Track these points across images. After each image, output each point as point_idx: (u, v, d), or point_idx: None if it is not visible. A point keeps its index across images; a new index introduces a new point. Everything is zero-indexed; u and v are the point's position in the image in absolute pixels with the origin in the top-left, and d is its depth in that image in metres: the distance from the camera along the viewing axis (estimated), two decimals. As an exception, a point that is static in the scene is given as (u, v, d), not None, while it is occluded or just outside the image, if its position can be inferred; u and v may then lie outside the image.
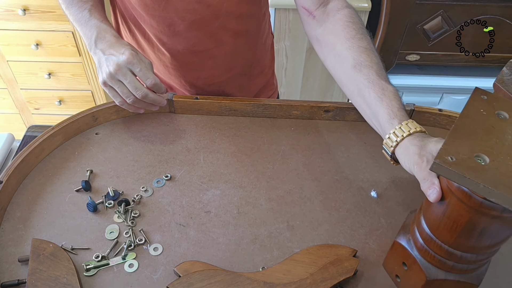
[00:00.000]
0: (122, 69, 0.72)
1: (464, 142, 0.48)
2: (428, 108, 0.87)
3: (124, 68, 0.72)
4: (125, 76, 0.73)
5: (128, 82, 0.73)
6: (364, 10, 1.60)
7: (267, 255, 0.66)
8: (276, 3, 1.57)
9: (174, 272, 0.62)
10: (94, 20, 0.78)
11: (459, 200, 0.49)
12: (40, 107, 1.96)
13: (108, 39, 0.76)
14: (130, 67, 0.72)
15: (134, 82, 0.73)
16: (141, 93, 0.74)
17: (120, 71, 0.72)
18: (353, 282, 0.63)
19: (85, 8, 0.80)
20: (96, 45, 0.76)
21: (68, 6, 0.82)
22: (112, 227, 0.68)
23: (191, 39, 0.87)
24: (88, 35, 0.78)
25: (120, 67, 0.72)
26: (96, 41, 0.76)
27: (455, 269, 0.55)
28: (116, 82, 0.74)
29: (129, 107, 0.78)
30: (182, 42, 0.87)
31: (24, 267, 0.62)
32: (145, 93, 0.74)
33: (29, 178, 0.75)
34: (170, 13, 0.82)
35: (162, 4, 0.80)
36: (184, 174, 0.77)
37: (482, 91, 0.55)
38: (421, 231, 0.56)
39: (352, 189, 0.76)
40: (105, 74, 0.74)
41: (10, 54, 1.75)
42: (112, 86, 0.75)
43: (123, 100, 0.76)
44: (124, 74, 0.73)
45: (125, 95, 0.75)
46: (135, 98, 0.75)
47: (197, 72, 0.94)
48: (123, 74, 0.73)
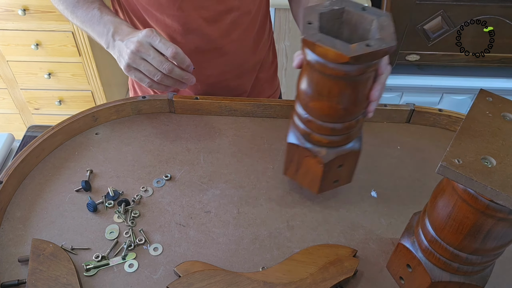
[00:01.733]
0: (144, 44, 0.71)
1: (470, 145, 0.48)
2: (428, 108, 0.87)
3: (145, 43, 0.71)
4: (148, 51, 0.71)
5: (152, 58, 0.72)
6: (364, 10, 1.60)
7: (267, 255, 0.66)
8: (276, 3, 1.57)
9: (174, 272, 0.62)
10: (107, 17, 0.78)
11: (465, 202, 0.49)
12: (40, 107, 1.96)
13: (125, 30, 0.76)
14: (150, 40, 0.71)
15: (158, 57, 0.72)
16: (167, 66, 0.72)
17: (142, 47, 0.71)
18: (353, 282, 0.63)
19: (94, 8, 0.80)
20: (115, 38, 0.76)
21: (74, 10, 0.82)
22: (112, 227, 0.68)
23: (204, 36, 0.87)
24: (104, 31, 0.77)
25: (141, 43, 0.71)
26: (114, 35, 0.76)
27: (460, 271, 0.55)
28: (140, 61, 0.73)
29: (158, 86, 0.76)
30: (195, 40, 0.88)
31: (24, 267, 0.62)
32: (170, 67, 0.72)
33: (29, 178, 0.75)
34: (184, 12, 0.83)
35: (177, 3, 0.81)
36: (184, 174, 0.77)
37: (487, 93, 0.55)
38: (426, 233, 0.56)
39: (352, 189, 0.76)
40: (127, 56, 0.72)
41: (10, 54, 1.75)
42: (137, 68, 0.73)
43: (151, 80, 0.74)
44: (146, 49, 0.71)
45: (152, 74, 0.73)
46: (162, 74, 0.73)
47: (208, 70, 0.94)
48: (146, 49, 0.71)
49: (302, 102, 0.62)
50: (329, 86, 0.57)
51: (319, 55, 0.53)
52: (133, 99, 0.86)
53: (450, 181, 0.51)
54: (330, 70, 0.54)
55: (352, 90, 0.57)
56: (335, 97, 0.57)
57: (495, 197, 0.44)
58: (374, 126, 0.88)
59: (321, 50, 0.52)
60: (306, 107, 0.61)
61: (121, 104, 0.85)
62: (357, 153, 0.66)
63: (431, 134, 0.87)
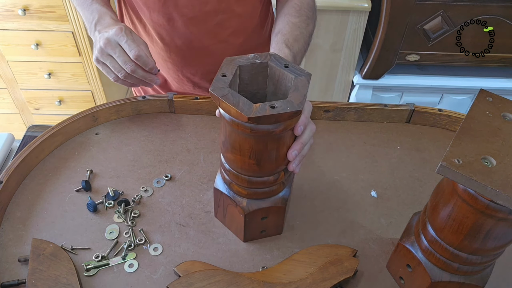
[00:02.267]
0: (111, 42, 0.73)
1: (470, 145, 0.48)
2: (428, 108, 0.88)
3: (113, 42, 0.73)
4: (114, 50, 0.74)
5: (117, 56, 0.74)
6: (364, 10, 1.60)
7: (267, 255, 0.66)
8: (276, 3, 1.57)
9: (174, 272, 0.62)
10: (96, 5, 0.81)
11: (465, 202, 0.49)
12: (40, 107, 1.96)
13: (107, 21, 0.78)
14: (117, 39, 0.73)
15: (123, 56, 0.74)
16: (130, 67, 0.74)
17: (109, 44, 0.73)
18: (353, 282, 0.63)
19: None
20: (96, 28, 0.78)
21: None
22: (112, 227, 0.68)
23: (189, 35, 0.88)
24: (90, 18, 0.80)
25: (109, 40, 0.73)
26: (96, 24, 0.78)
27: (460, 271, 0.55)
28: (107, 57, 0.75)
29: (123, 82, 0.78)
30: (180, 38, 0.88)
31: (24, 267, 0.62)
32: (133, 68, 0.74)
33: (29, 178, 0.75)
34: (169, 8, 0.83)
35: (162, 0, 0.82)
36: (184, 174, 0.77)
37: (487, 93, 0.55)
38: (426, 233, 0.56)
39: (352, 189, 0.76)
40: (97, 50, 0.75)
41: (10, 54, 1.75)
42: (104, 62, 0.76)
43: (116, 75, 0.77)
44: (113, 47, 0.73)
45: (117, 70, 0.76)
46: (126, 73, 0.75)
47: (194, 68, 0.95)
48: (112, 47, 0.73)
49: (221, 151, 0.61)
50: (240, 141, 0.55)
51: (224, 111, 0.52)
52: (133, 99, 0.86)
53: (450, 181, 0.51)
54: (237, 126, 0.52)
55: (264, 147, 0.55)
56: (247, 151, 0.55)
57: (495, 197, 0.44)
58: (374, 126, 0.88)
59: (225, 106, 0.51)
60: (224, 157, 0.60)
61: (121, 104, 0.85)
62: (281, 207, 0.64)
63: (431, 134, 0.87)
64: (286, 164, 0.60)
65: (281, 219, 0.66)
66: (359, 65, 1.80)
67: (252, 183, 0.60)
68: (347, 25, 1.64)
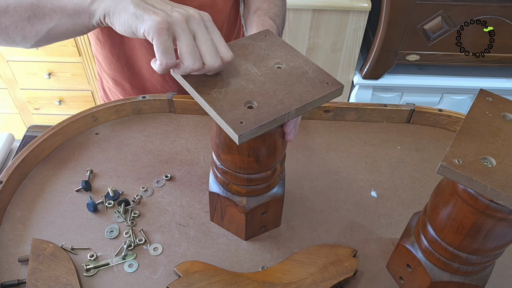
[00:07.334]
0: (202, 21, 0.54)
1: (470, 145, 0.48)
2: (428, 108, 0.88)
3: (203, 22, 0.54)
4: (203, 31, 0.53)
5: (204, 42, 0.53)
6: (364, 10, 1.60)
7: (267, 255, 0.66)
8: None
9: (174, 272, 0.62)
10: None
11: (465, 202, 0.49)
12: (40, 107, 1.96)
13: None
14: (208, 23, 0.54)
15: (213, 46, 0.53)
16: (218, 64, 0.53)
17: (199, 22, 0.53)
18: (353, 282, 0.63)
19: None
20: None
21: None
22: (112, 227, 0.68)
23: None
24: None
25: (201, 16, 0.54)
26: None
27: (460, 271, 0.55)
28: (184, 32, 0.52)
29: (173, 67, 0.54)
30: None
31: (24, 267, 0.62)
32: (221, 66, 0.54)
33: (29, 178, 0.75)
34: None
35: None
36: (184, 174, 0.77)
37: (487, 93, 0.55)
38: (426, 233, 0.56)
39: (352, 189, 0.76)
40: (178, 13, 0.52)
41: (10, 54, 1.75)
42: (179, 35, 0.52)
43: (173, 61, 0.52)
44: (201, 28, 0.53)
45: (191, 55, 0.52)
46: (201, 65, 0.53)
47: None
48: (201, 28, 0.53)
49: (215, 153, 0.60)
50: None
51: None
52: (133, 99, 0.86)
53: (450, 181, 0.51)
54: None
55: (262, 143, 0.54)
56: (245, 150, 0.55)
57: (495, 197, 0.44)
58: (374, 126, 0.88)
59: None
60: (219, 159, 0.60)
61: (121, 104, 0.85)
62: (279, 199, 0.65)
63: (431, 134, 0.87)
64: (284, 155, 0.60)
65: (280, 210, 0.67)
66: (359, 65, 1.80)
67: (251, 181, 0.60)
68: (347, 25, 1.64)
